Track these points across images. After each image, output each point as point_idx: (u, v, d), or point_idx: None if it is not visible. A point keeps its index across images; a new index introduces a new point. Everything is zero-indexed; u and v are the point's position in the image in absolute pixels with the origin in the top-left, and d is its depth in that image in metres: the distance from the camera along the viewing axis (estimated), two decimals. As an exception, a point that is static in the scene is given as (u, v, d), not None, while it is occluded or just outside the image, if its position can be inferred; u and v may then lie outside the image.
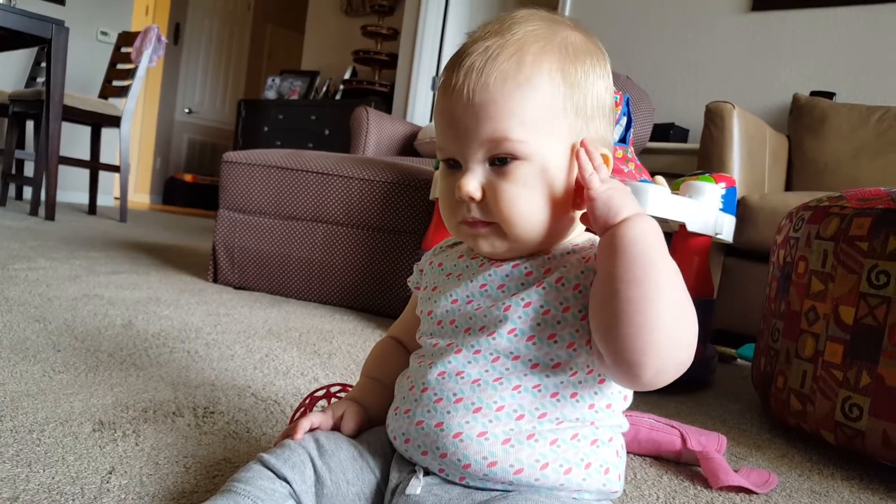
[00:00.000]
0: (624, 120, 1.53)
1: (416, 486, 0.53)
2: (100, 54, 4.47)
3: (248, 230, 1.94)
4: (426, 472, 0.54)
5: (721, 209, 1.35)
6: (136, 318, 1.35)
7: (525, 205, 0.52)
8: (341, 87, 4.80)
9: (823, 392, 0.98)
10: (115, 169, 3.70)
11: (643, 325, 0.45)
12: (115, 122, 3.65)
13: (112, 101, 3.81)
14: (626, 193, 0.50)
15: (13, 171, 3.75)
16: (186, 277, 2.01)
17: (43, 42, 3.01)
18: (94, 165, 3.75)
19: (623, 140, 1.52)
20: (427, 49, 4.12)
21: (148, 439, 0.74)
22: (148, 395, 0.89)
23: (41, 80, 3.82)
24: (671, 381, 0.48)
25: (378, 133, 2.87)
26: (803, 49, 2.69)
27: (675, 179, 1.42)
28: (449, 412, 0.53)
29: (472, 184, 0.52)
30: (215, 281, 2.00)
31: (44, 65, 3.48)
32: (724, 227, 1.37)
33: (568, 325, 0.52)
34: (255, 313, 1.60)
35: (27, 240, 2.34)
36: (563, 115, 0.52)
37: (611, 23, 3.16)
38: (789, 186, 2.37)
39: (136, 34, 3.76)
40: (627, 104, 1.54)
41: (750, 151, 2.12)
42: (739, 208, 1.83)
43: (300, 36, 5.70)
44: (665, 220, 1.29)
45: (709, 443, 0.91)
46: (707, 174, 1.38)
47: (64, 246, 2.31)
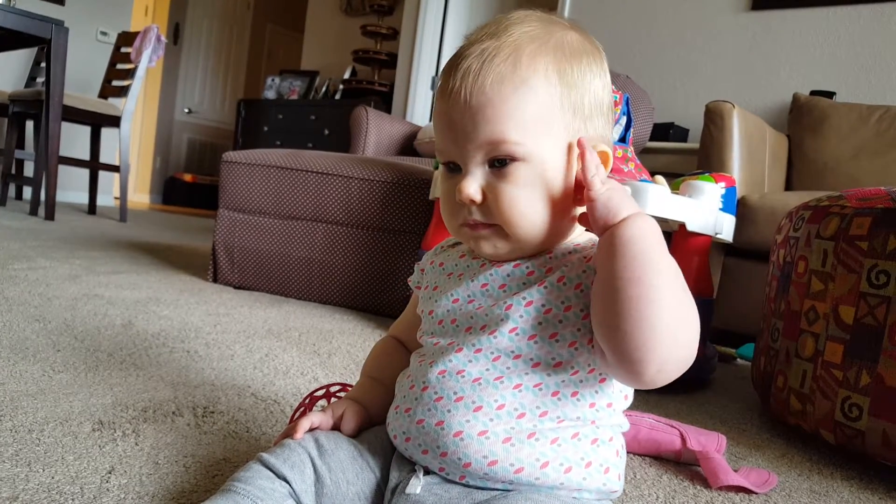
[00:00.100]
0: (624, 119, 1.53)
1: (416, 485, 0.53)
2: (99, 54, 4.48)
3: (248, 230, 1.94)
4: (426, 472, 0.54)
5: (721, 209, 1.35)
6: (135, 318, 1.35)
7: (526, 206, 0.52)
8: (341, 86, 4.80)
9: (823, 392, 0.98)
10: (114, 169, 3.70)
11: (644, 322, 0.45)
12: (114, 122, 3.65)
13: (112, 101, 3.81)
14: (624, 194, 0.50)
15: (13, 171, 3.75)
16: (186, 277, 2.01)
17: (43, 42, 3.01)
18: (94, 165, 3.75)
19: (623, 139, 1.52)
20: (426, 49, 4.12)
21: (147, 439, 0.74)
22: (147, 395, 0.89)
23: (41, 80, 3.82)
24: (673, 378, 0.48)
25: (378, 133, 2.87)
26: (803, 48, 2.69)
27: (675, 179, 1.42)
28: (449, 411, 0.53)
29: (473, 187, 0.52)
30: (215, 281, 2.00)
31: (43, 65, 3.47)
32: (724, 227, 1.37)
33: (570, 324, 0.52)
34: (255, 313, 1.60)
35: (27, 240, 2.34)
36: (561, 115, 0.52)
37: (610, 23, 3.16)
38: (789, 186, 2.37)
39: (136, 34, 3.76)
40: (627, 104, 1.53)
41: (750, 151, 2.12)
42: (739, 208, 1.83)
43: (300, 36, 5.70)
44: (665, 220, 1.29)
45: (708, 442, 0.91)
46: (707, 174, 1.38)
47: (64, 246, 2.31)
